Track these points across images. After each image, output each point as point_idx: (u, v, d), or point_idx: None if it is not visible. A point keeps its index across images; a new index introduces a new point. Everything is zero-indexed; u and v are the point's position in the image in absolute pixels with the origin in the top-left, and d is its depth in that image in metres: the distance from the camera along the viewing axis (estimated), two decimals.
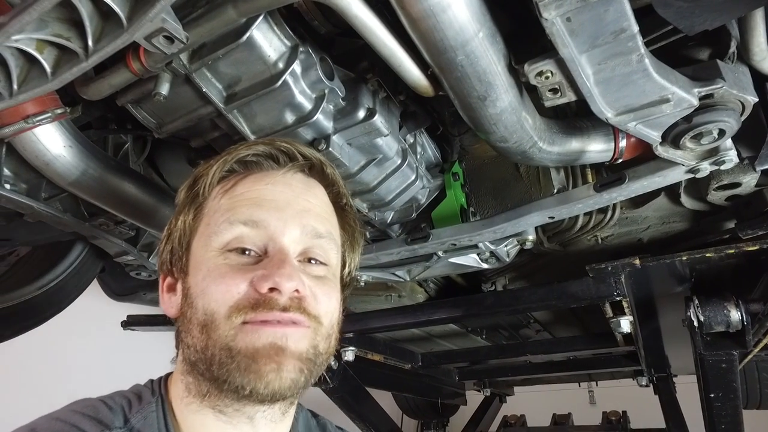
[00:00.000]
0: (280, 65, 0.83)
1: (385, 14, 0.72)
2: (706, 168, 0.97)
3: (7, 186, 1.02)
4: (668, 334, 2.08)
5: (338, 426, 0.98)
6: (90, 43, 0.65)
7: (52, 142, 0.94)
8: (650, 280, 1.38)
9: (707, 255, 1.18)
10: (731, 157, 0.93)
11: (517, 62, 0.75)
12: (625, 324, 1.45)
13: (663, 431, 2.51)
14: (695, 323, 1.35)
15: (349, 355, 1.85)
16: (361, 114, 0.94)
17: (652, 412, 2.64)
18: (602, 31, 0.66)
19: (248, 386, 0.59)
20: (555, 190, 1.22)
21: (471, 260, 1.41)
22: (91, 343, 2.95)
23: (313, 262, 0.70)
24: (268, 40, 0.81)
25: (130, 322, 1.89)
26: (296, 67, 0.85)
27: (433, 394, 3.06)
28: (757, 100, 0.84)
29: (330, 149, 0.95)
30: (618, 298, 1.31)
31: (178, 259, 0.72)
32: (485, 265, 1.42)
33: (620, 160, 1.06)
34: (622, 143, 1.03)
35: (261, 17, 0.78)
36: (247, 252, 0.66)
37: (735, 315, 1.30)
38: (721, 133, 0.86)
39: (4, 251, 1.58)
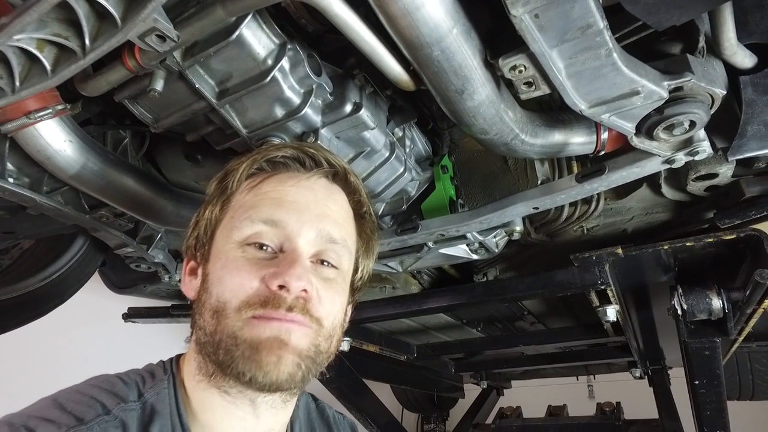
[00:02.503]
0: (269, 62, 0.87)
1: (367, 13, 0.75)
2: (681, 158, 1.00)
3: (11, 180, 1.06)
4: (663, 326, 2.11)
5: (338, 411, 1.02)
6: (87, 42, 0.69)
7: (53, 137, 0.97)
8: (635, 269, 1.42)
9: (688, 244, 1.22)
10: (705, 147, 0.97)
11: (492, 57, 0.78)
12: (611, 313, 1.48)
13: (655, 421, 2.55)
14: (679, 311, 1.39)
15: (345, 345, 1.89)
16: (348, 108, 0.98)
17: (651, 405, 2.68)
18: (570, 26, 0.69)
19: (248, 374, 0.63)
20: (539, 182, 1.26)
21: (461, 251, 1.44)
22: (92, 335, 3.00)
23: (325, 264, 0.74)
24: (257, 38, 0.85)
25: (131, 315, 1.93)
26: (285, 63, 0.88)
27: (431, 387, 3.10)
28: (725, 92, 0.87)
29: (319, 142, 0.99)
30: (603, 287, 1.35)
31: (202, 246, 0.76)
32: (475, 256, 1.45)
33: (603, 152, 1.09)
34: (604, 135, 1.06)
35: (250, 16, 0.81)
36: (264, 247, 0.70)
37: (717, 303, 1.34)
38: (692, 124, 0.89)
39: (7, 244, 1.62)
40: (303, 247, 0.70)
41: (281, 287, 0.65)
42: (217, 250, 0.73)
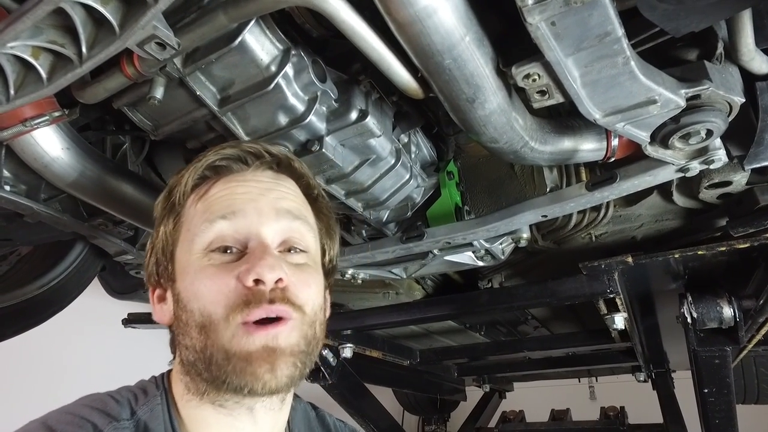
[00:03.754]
0: (273, 68, 0.84)
1: (374, 19, 0.73)
2: (695, 167, 0.98)
3: (7, 187, 1.03)
4: (667, 330, 2.09)
5: (339, 419, 1.00)
6: (84, 49, 0.66)
7: (50, 144, 0.95)
8: (644, 277, 1.40)
9: (699, 253, 1.20)
10: (720, 156, 0.94)
11: (504, 65, 0.76)
12: (620, 321, 1.46)
13: (660, 426, 2.53)
14: (689, 320, 1.37)
15: (347, 351, 1.86)
16: (354, 115, 0.95)
17: (653, 407, 2.66)
18: (587, 34, 0.67)
19: (246, 387, 0.61)
20: (548, 189, 1.23)
21: (466, 258, 1.42)
22: (92, 341, 2.97)
23: (292, 251, 0.72)
24: (261, 44, 0.82)
25: (131, 320, 1.91)
26: (288, 70, 0.85)
27: (433, 390, 3.08)
28: (744, 100, 0.85)
29: (323, 150, 0.96)
30: (611, 296, 1.33)
31: (164, 269, 0.74)
32: (481, 263, 1.43)
33: (613, 159, 1.06)
34: (615, 142, 1.03)
35: (253, 22, 0.79)
36: (228, 250, 0.68)
37: (727, 311, 1.32)
38: (709, 133, 0.87)
39: (5, 251, 1.59)
40: (267, 235, 0.69)
41: (257, 281, 0.64)
42: (181, 267, 0.70)
